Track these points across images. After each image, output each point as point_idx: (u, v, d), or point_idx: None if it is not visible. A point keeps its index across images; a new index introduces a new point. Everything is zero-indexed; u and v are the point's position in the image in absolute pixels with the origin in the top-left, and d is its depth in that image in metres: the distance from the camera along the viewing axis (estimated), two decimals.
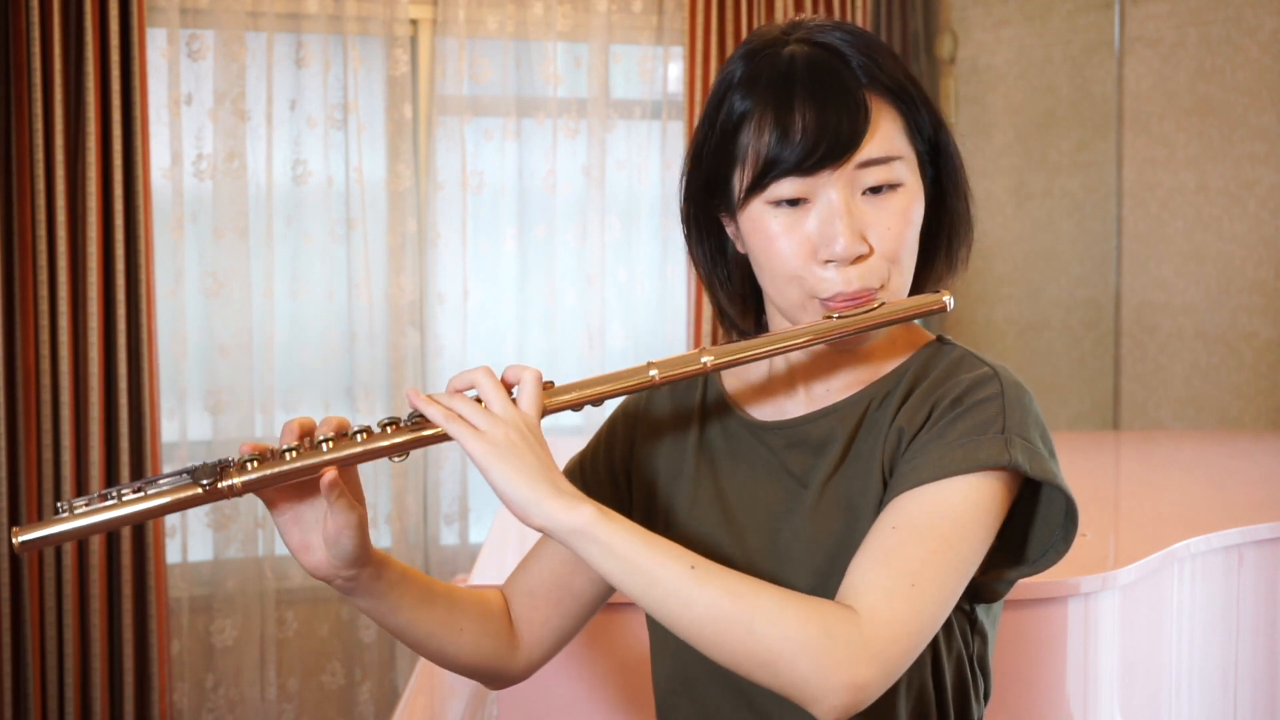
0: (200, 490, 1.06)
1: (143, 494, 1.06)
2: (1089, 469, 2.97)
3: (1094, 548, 2.07)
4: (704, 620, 1.02)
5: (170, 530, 3.57)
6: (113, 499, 1.06)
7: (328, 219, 3.66)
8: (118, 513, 1.05)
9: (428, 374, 3.75)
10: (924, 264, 1.18)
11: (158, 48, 3.51)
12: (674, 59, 3.93)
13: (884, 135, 1.10)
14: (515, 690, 1.67)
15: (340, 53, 3.65)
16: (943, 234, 1.19)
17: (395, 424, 1.09)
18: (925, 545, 1.05)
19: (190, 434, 3.59)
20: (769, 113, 1.10)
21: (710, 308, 1.28)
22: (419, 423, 1.09)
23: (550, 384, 1.12)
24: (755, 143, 1.10)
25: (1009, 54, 4.18)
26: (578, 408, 1.13)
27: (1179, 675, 2.12)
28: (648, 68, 3.90)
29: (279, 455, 1.08)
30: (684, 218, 1.23)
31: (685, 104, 3.85)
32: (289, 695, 3.70)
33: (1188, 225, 3.89)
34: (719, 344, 1.32)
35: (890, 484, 1.11)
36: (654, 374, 1.12)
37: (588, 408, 1.14)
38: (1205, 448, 3.29)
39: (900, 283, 1.13)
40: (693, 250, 1.24)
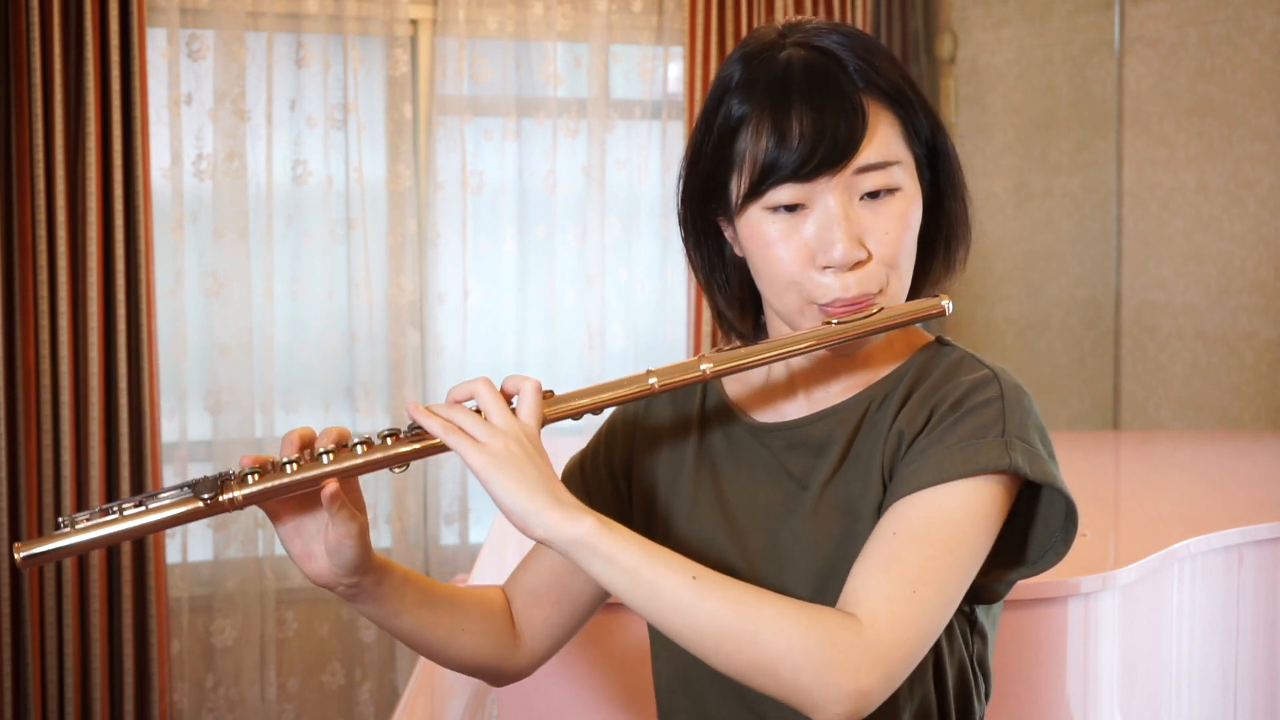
0: (201, 504, 1.07)
1: (144, 508, 1.07)
2: (1089, 469, 2.97)
3: (1094, 548, 2.07)
4: (706, 631, 1.02)
5: (170, 530, 3.57)
6: (114, 513, 1.07)
7: (328, 219, 3.66)
8: (119, 527, 1.06)
9: (428, 374, 3.75)
10: (922, 266, 1.18)
11: (158, 48, 3.51)
12: (674, 59, 3.93)
13: (881, 140, 1.10)
14: (515, 690, 1.67)
15: (340, 53, 3.65)
16: (940, 236, 1.19)
17: (395, 435, 1.10)
18: (925, 551, 1.05)
19: (190, 434, 3.59)
20: (766, 118, 1.09)
21: (710, 307, 1.28)
22: (419, 433, 1.09)
23: (550, 393, 1.12)
24: (752, 148, 1.10)
25: (1009, 54, 4.18)
26: (578, 417, 1.13)
27: (1179, 675, 2.12)
28: (648, 68, 3.90)
29: (279, 468, 1.09)
30: (681, 221, 1.22)
31: (685, 104, 3.85)
32: (289, 695, 3.70)
33: (1188, 225, 3.89)
34: (719, 345, 1.33)
35: (890, 488, 1.11)
36: (653, 382, 1.12)
37: (586, 415, 1.14)
38: (1205, 448, 3.29)
39: (899, 287, 1.13)
40: (690, 254, 1.23)
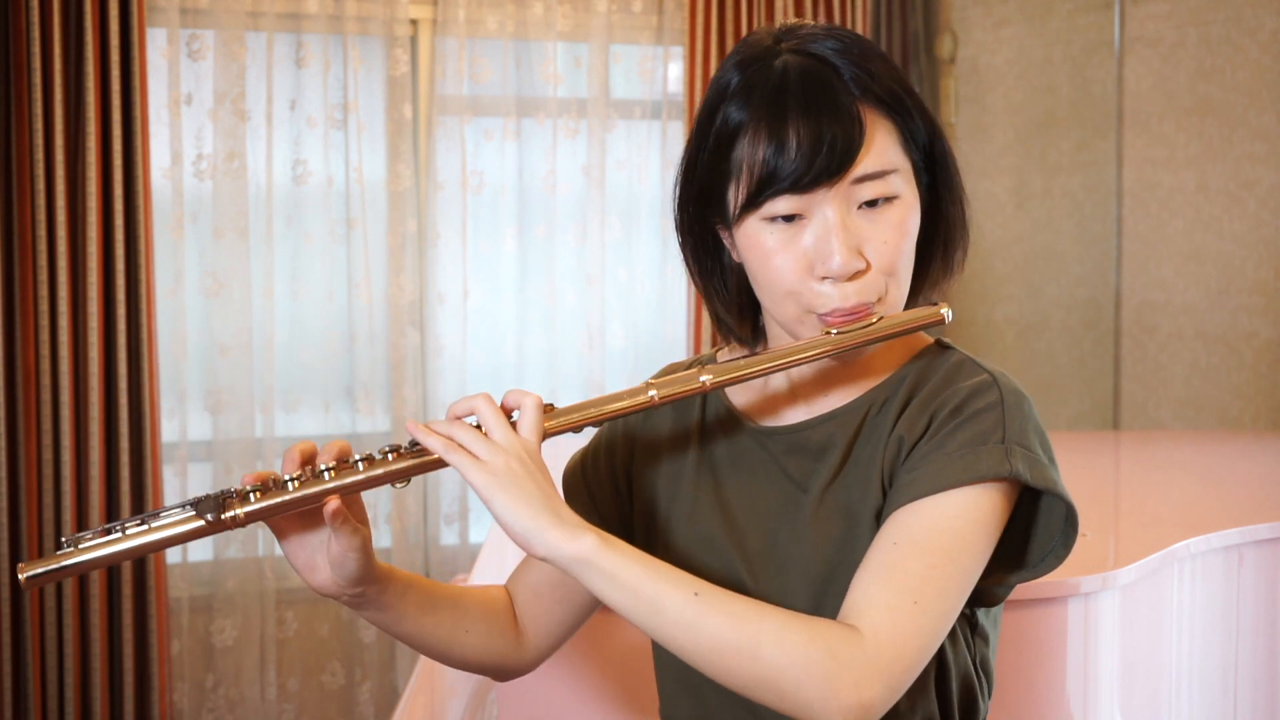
0: (204, 523, 1.08)
1: (146, 527, 1.08)
2: (1089, 469, 2.96)
3: (1094, 548, 2.07)
4: (709, 647, 1.03)
5: None
6: (116, 533, 1.08)
7: (328, 219, 3.66)
8: (121, 547, 1.07)
9: (428, 374, 3.75)
10: (920, 269, 1.18)
11: (158, 48, 3.51)
12: (674, 59, 3.93)
13: (879, 149, 1.09)
14: (515, 690, 1.67)
15: (340, 53, 3.65)
16: (939, 239, 1.18)
17: (397, 451, 1.10)
18: (926, 560, 1.05)
19: (190, 434, 3.59)
20: (763, 128, 1.08)
21: (709, 312, 1.28)
22: (420, 449, 1.10)
23: (550, 407, 1.13)
24: (749, 158, 1.09)
25: (1009, 54, 4.18)
26: (578, 430, 1.14)
27: (1179, 675, 2.12)
28: (648, 68, 3.90)
29: (281, 485, 1.10)
30: (678, 226, 1.22)
31: (685, 104, 3.85)
32: (289, 695, 3.70)
33: (1188, 225, 3.89)
34: (718, 346, 1.33)
35: (890, 495, 1.11)
36: (653, 394, 1.13)
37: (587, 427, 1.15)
38: (1205, 448, 3.29)
39: (898, 295, 1.13)
40: (688, 259, 1.23)
